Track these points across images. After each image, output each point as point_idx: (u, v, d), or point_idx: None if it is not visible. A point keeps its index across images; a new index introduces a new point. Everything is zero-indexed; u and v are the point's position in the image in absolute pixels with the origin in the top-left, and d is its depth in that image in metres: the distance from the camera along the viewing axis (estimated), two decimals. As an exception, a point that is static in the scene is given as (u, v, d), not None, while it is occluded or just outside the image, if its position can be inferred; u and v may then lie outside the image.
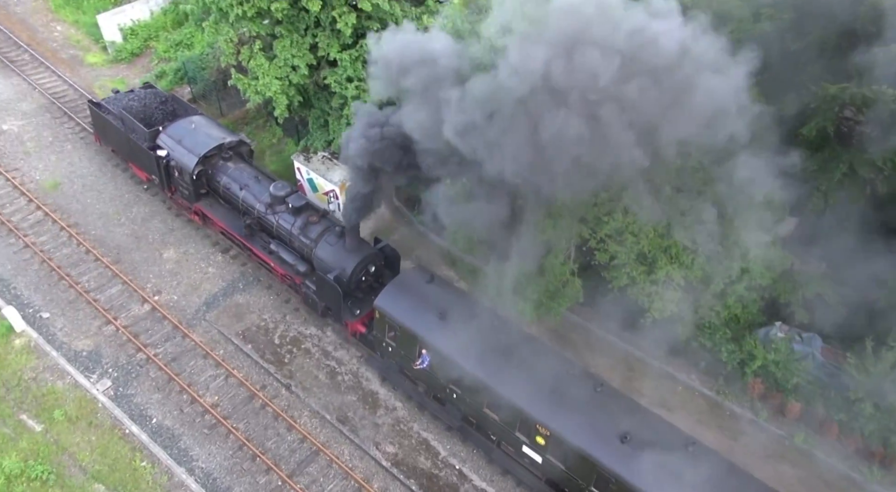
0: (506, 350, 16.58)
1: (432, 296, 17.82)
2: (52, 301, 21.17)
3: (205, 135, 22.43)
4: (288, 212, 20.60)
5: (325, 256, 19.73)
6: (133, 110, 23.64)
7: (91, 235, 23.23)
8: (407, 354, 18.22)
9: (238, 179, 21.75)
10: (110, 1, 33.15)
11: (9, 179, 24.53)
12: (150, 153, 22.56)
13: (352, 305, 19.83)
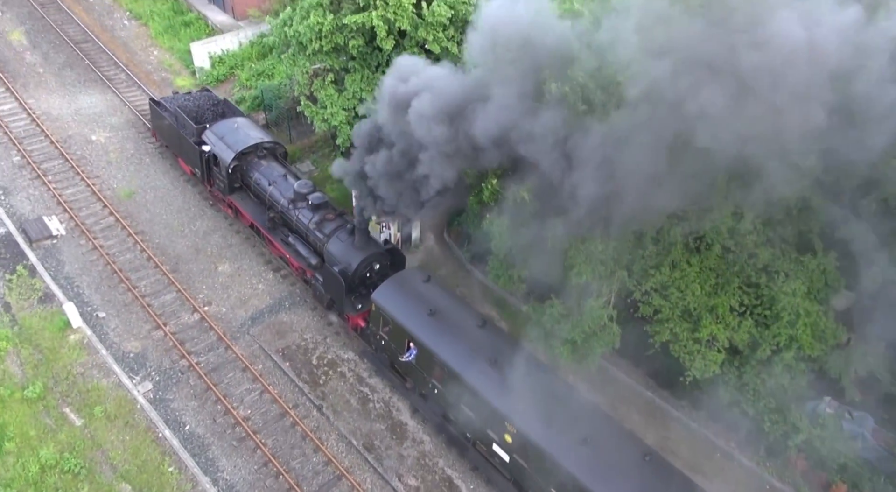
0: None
1: (426, 294, 18.81)
2: (110, 302, 22.22)
3: (245, 134, 24.08)
4: (308, 208, 21.87)
5: (334, 251, 20.95)
6: (186, 109, 25.56)
7: (155, 243, 24.40)
8: (397, 347, 19.13)
9: (268, 175, 23.15)
10: (205, 31, 35.55)
11: (89, 184, 26.18)
12: (196, 147, 24.37)
13: (354, 301, 20.81)
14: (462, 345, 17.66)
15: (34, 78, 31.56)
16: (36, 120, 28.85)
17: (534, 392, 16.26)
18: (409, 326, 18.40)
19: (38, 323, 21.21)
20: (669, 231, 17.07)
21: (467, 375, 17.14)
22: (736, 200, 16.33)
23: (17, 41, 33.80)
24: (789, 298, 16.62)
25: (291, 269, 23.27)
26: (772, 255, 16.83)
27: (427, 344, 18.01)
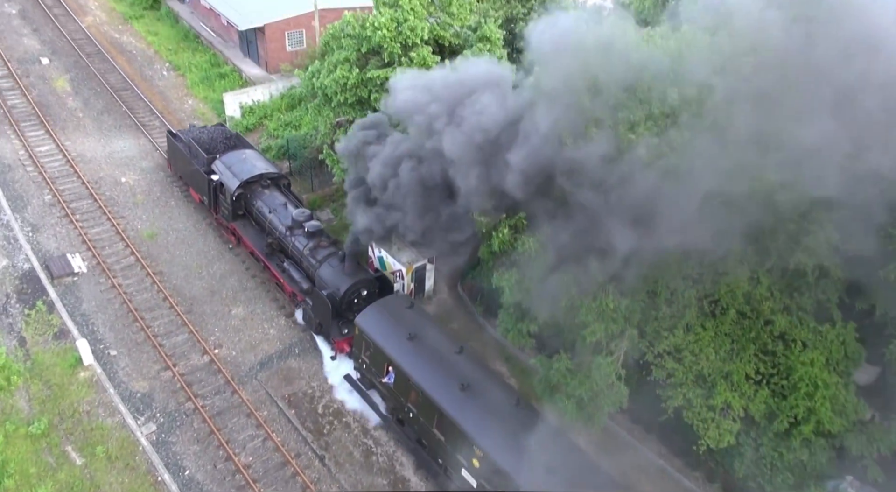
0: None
1: (408, 319, 19.44)
2: (122, 340, 22.35)
3: (251, 164, 25.39)
4: (304, 235, 22.95)
5: (325, 276, 21.95)
6: (200, 140, 26.96)
7: (171, 284, 24.67)
8: (377, 370, 19.61)
9: (269, 203, 24.40)
10: (238, 83, 36.88)
11: (114, 224, 26.78)
12: (205, 176, 25.61)
13: (341, 325, 21.58)
14: (437, 370, 18.12)
15: (73, 122, 32.84)
16: (70, 161, 29.85)
17: (502, 419, 16.75)
18: (388, 350, 18.92)
19: (51, 359, 21.37)
20: (684, 293, 16.80)
21: (439, 398, 17.53)
22: (752, 264, 16.13)
23: (62, 88, 35.35)
24: (807, 369, 16.11)
25: (285, 294, 23.96)
26: (789, 323, 16.41)
27: (404, 367, 18.48)
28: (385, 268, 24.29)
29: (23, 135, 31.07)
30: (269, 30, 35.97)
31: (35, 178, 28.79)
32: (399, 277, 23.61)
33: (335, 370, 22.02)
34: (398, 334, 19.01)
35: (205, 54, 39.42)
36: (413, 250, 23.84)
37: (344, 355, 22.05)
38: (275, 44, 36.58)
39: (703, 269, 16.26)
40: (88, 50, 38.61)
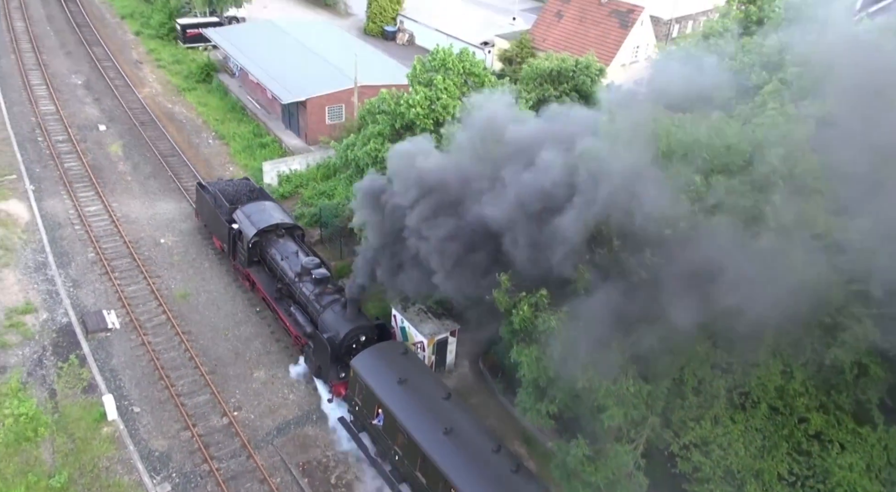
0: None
1: (401, 365, 20.49)
2: (146, 398, 22.86)
3: (269, 215, 27.10)
4: (311, 282, 24.09)
5: (327, 320, 23.03)
6: (225, 192, 28.76)
7: (199, 344, 25.32)
8: (368, 411, 20.45)
9: (282, 251, 25.83)
10: (278, 153, 38.65)
11: (150, 283, 27.84)
12: (226, 225, 27.30)
13: (339, 369, 22.38)
14: (423, 414, 19.02)
15: (122, 184, 34.68)
16: (115, 221, 31.38)
17: (482, 464, 17.59)
18: (378, 392, 19.88)
19: (78, 412, 21.92)
20: (712, 382, 16.38)
21: (422, 442, 18.30)
22: (785, 357, 15.80)
23: (114, 152, 37.53)
24: (845, 473, 15.12)
25: (291, 337, 25.05)
26: (825, 422, 15.64)
27: (392, 410, 19.34)
28: (407, 338, 24.60)
29: (75, 195, 32.88)
30: (310, 104, 37.94)
31: (82, 236, 30.27)
32: (420, 349, 23.86)
33: (331, 413, 22.81)
34: (389, 378, 19.97)
35: (249, 125, 41.57)
36: (436, 322, 24.18)
37: (340, 399, 22.81)
38: (315, 117, 38.48)
39: (733, 358, 15.93)
40: (142, 118, 41.09)
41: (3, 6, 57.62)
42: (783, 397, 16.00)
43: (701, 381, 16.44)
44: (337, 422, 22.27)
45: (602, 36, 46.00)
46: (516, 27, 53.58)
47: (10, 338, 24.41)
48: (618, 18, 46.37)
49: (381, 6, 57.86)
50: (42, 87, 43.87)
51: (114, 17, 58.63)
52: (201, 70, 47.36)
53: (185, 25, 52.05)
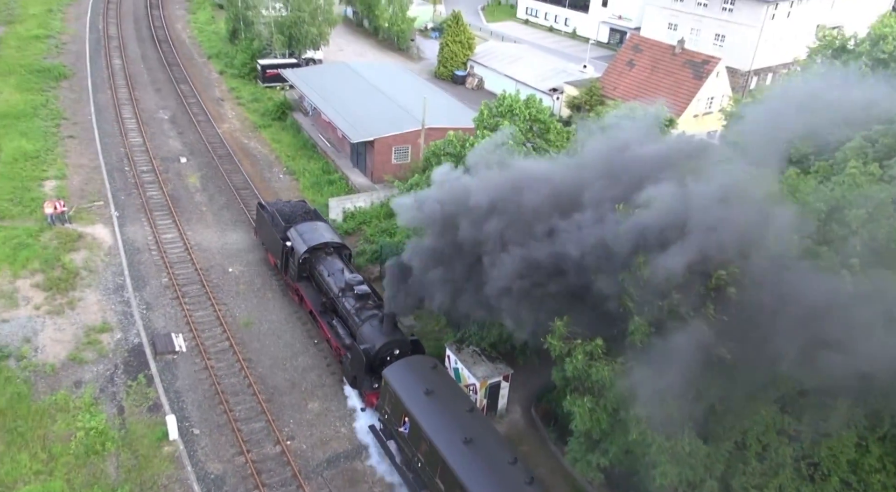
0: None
1: (429, 378, 21.59)
2: (206, 420, 23.72)
3: (320, 234, 28.88)
4: (353, 297, 25.68)
5: (365, 333, 24.40)
6: (282, 212, 30.78)
7: (258, 372, 26.18)
8: (396, 419, 21.50)
9: (329, 268, 27.47)
10: (344, 189, 40.01)
11: (216, 310, 29.08)
12: (281, 242, 29.18)
13: (373, 380, 23.62)
14: (446, 424, 19.99)
15: (197, 214, 36.57)
16: (189, 249, 33.05)
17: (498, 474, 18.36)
18: (406, 402, 20.94)
19: (142, 430, 22.93)
20: (778, 449, 15.93)
21: (443, 450, 19.19)
22: (860, 429, 15.08)
23: (193, 183, 39.72)
24: None
25: (331, 348, 26.67)
26: None
27: (417, 419, 20.34)
28: (460, 379, 24.76)
29: (154, 223, 34.87)
30: (378, 144, 39.29)
31: (157, 261, 32.00)
32: (472, 392, 23.96)
33: (363, 421, 24.13)
34: (417, 389, 21.09)
35: (319, 162, 43.27)
36: (489, 365, 24.29)
37: (371, 408, 23.95)
38: (382, 156, 39.78)
39: (803, 426, 15.46)
40: (220, 152, 43.40)
41: (105, 45, 62.35)
42: (857, 471, 15.32)
43: (766, 447, 15.92)
44: (368, 429, 23.50)
45: (674, 86, 46.00)
46: (586, 75, 54.26)
47: (87, 354, 25.88)
48: (692, 69, 46.33)
49: (452, 51, 59.70)
50: (132, 120, 47.03)
51: (201, 57, 62.51)
52: (277, 108, 49.79)
53: (265, 66, 55.01)
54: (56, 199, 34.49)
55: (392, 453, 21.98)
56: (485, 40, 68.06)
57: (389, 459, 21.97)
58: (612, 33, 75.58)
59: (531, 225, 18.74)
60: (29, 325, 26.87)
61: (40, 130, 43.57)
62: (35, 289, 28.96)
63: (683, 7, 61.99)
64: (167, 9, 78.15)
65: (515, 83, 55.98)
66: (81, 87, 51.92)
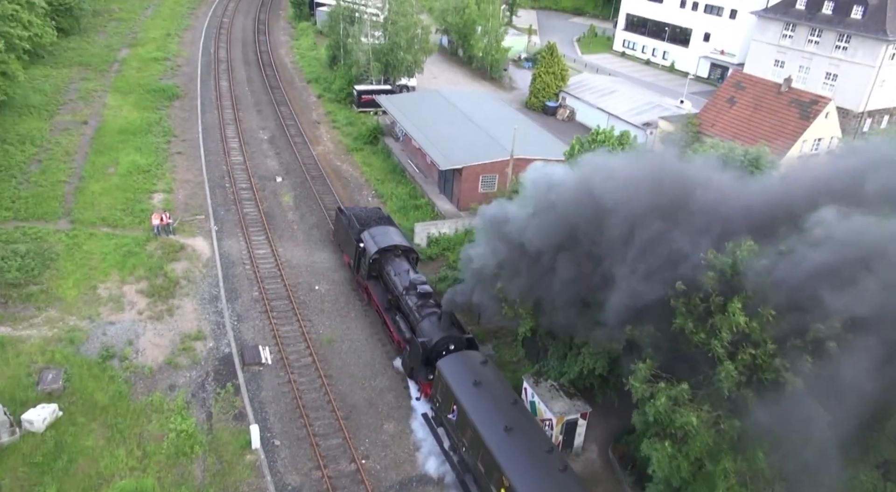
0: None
1: (479, 371, 23.41)
2: (286, 433, 24.52)
3: (390, 237, 31.30)
4: (416, 295, 27.61)
5: (424, 328, 26.35)
6: (358, 216, 33.51)
7: (337, 389, 26.87)
8: (446, 407, 23.29)
9: (396, 268, 29.71)
10: (429, 215, 40.75)
11: (301, 326, 30.15)
12: (355, 243, 31.75)
13: (428, 372, 25.38)
14: (490, 413, 21.58)
15: (288, 232, 38.18)
16: (279, 265, 34.51)
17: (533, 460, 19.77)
18: (455, 391, 22.63)
19: (227, 437, 23.96)
20: None
21: (485, 435, 20.79)
22: None
23: (286, 202, 41.57)
24: None
25: (394, 343, 28.93)
26: None
27: (464, 407, 22.03)
28: (536, 413, 24.53)
29: (249, 238, 36.67)
30: (465, 171, 39.89)
31: (250, 275, 33.57)
32: (548, 427, 23.68)
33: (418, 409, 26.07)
34: (467, 380, 22.81)
35: (406, 187, 44.32)
36: (567, 402, 23.98)
37: (426, 398, 25.99)
38: (469, 184, 40.31)
39: None
40: (314, 173, 45.25)
41: (215, 68, 66.56)
42: None
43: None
44: (420, 417, 25.47)
45: (778, 125, 44.40)
46: (683, 110, 53.26)
47: (182, 360, 27.38)
48: (798, 108, 44.61)
49: (545, 82, 60.01)
50: (235, 139, 49.84)
51: (301, 81, 65.62)
52: (370, 133, 51.49)
53: (360, 91, 57.12)
54: (163, 211, 36.91)
55: (441, 439, 23.87)
56: (578, 72, 68.07)
57: (439, 445, 23.77)
58: (713, 68, 73.87)
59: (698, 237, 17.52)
60: (132, 328, 28.74)
61: (153, 145, 46.86)
62: (139, 295, 30.98)
63: (793, 44, 59.93)
64: (273, 34, 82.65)
65: (608, 116, 55.66)
66: (191, 107, 55.54)
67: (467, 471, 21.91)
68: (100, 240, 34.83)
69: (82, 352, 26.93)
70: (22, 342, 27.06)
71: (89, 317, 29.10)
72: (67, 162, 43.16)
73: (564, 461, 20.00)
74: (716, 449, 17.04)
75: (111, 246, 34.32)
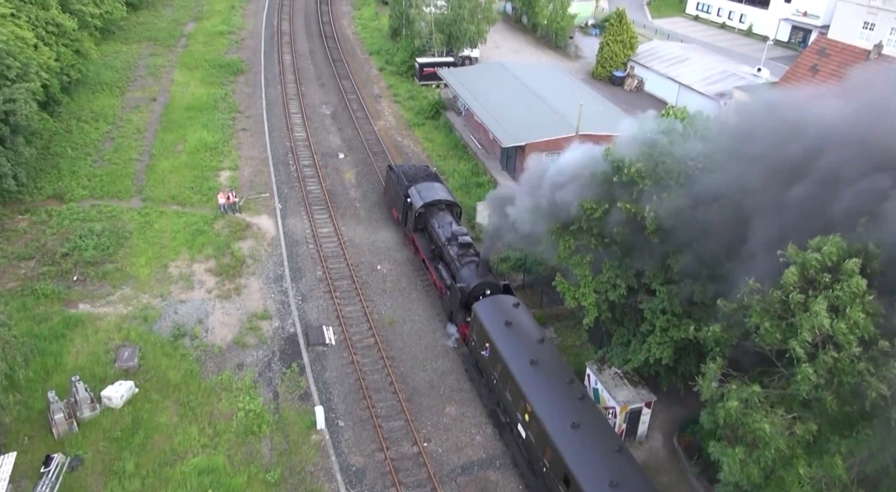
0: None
1: (510, 313, 25.20)
2: (350, 414, 24.94)
3: (435, 192, 33.39)
4: (457, 245, 29.74)
5: (463, 275, 28.46)
6: (407, 173, 35.68)
7: (399, 371, 27.08)
8: (479, 345, 25.45)
9: (440, 221, 31.86)
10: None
11: (364, 306, 30.42)
12: (403, 198, 33.89)
13: (466, 315, 27.40)
14: (518, 349, 23.49)
15: (351, 210, 38.40)
16: (342, 244, 34.82)
17: (553, 389, 21.87)
18: (488, 330, 24.62)
19: (293, 416, 24.56)
20: None
21: (512, 368, 22.82)
22: None
23: (349, 180, 41.75)
24: None
25: (436, 290, 31.11)
26: None
27: (496, 344, 23.97)
28: (598, 400, 24.11)
29: (312, 216, 37.10)
30: (528, 148, 38.97)
31: (313, 254, 34.03)
32: (612, 416, 23.24)
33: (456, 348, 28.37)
34: (499, 321, 24.71)
35: (468, 163, 43.78)
36: (631, 390, 23.45)
37: (463, 340, 28.15)
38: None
39: None
40: (375, 149, 45.21)
41: (278, 41, 67.04)
42: None
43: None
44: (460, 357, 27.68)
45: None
46: (761, 79, 50.38)
47: (249, 339, 28.12)
48: (891, 77, 41.39)
49: (612, 51, 57.84)
50: (298, 115, 50.23)
51: (363, 54, 65.39)
52: (431, 107, 50.94)
53: (422, 64, 56.42)
54: (229, 189, 37.68)
55: (476, 377, 26.01)
56: (648, 39, 65.21)
57: (473, 381, 26.27)
58: (794, 31, 69.43)
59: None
60: (202, 307, 29.65)
61: (219, 122, 47.74)
62: (208, 273, 31.87)
63: (884, 3, 55.45)
64: (334, 4, 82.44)
65: (678, 86, 53.30)
66: (255, 82, 56.20)
67: (497, 402, 24.29)
68: (170, 218, 35.92)
69: (155, 330, 28.00)
70: (100, 320, 28.34)
71: (161, 295, 30.17)
72: (138, 139, 44.51)
73: (583, 391, 22.01)
74: (789, 454, 16.26)
75: (181, 224, 35.35)
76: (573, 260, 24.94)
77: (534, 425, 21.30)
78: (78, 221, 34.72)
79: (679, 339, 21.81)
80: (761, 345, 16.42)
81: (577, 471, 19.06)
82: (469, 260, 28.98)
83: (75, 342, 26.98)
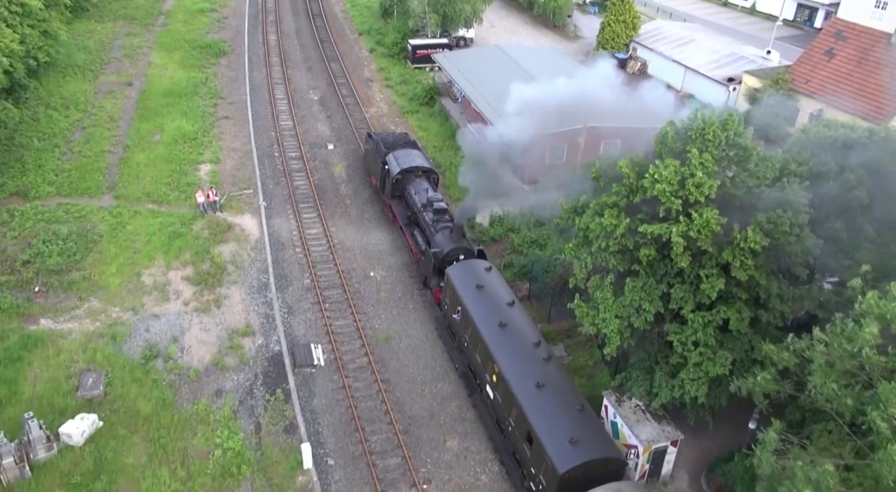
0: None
1: (482, 276, 25.32)
2: (341, 450, 22.44)
3: (412, 159, 33.32)
4: (432, 211, 29.89)
5: (437, 240, 28.62)
6: (385, 140, 35.50)
7: (395, 396, 24.57)
8: (452, 309, 25.60)
9: (416, 187, 31.82)
10: (491, 187, 37.32)
11: (356, 320, 27.79)
12: (381, 165, 33.66)
13: (440, 280, 27.39)
14: (488, 312, 23.74)
15: (341, 208, 35.55)
16: (332, 247, 32.06)
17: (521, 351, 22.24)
18: (460, 293, 24.83)
19: (277, 454, 22.03)
20: None
21: (482, 331, 23.15)
22: None
23: (338, 174, 38.79)
24: None
25: (412, 255, 31.15)
26: None
27: (467, 307, 24.28)
28: (618, 436, 21.72)
29: (299, 215, 34.27)
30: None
31: (301, 260, 31.25)
32: (633, 456, 20.88)
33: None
34: (471, 284, 24.91)
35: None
36: (655, 427, 21.05)
37: (436, 304, 28.28)
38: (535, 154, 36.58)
39: None
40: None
41: (262, 19, 63.28)
42: None
43: None
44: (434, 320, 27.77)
45: (889, 83, 38.69)
46: (771, 62, 47.52)
47: (229, 360, 25.46)
48: (914, 63, 38.74)
49: (614, 31, 54.69)
50: (284, 101, 46.97)
51: (352, 34, 61.82)
52: (426, 93, 47.84)
53: (415, 46, 53.12)
54: (209, 187, 34.70)
55: (448, 340, 26.32)
56: (651, 19, 62.01)
57: (446, 344, 26.49)
58: (800, 9, 66.39)
59: None
60: (177, 323, 26.91)
61: (199, 109, 44.47)
62: (185, 282, 29.08)
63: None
64: (322, -20, 78.30)
65: (684, 70, 50.40)
66: (238, 65, 52.74)
67: (467, 364, 24.65)
68: (144, 218, 32.98)
69: (125, 351, 25.27)
70: (63, 338, 25.57)
71: (132, 308, 27.39)
72: (111, 129, 41.26)
73: (549, 351, 22.51)
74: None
75: (156, 225, 32.43)
76: (592, 281, 22.40)
77: (501, 386, 21.80)
78: (43, 223, 31.75)
79: (716, 375, 19.41)
80: (825, 406, 13.99)
81: (539, 429, 19.63)
82: (444, 225, 29.08)
83: (34, 366, 24.25)
